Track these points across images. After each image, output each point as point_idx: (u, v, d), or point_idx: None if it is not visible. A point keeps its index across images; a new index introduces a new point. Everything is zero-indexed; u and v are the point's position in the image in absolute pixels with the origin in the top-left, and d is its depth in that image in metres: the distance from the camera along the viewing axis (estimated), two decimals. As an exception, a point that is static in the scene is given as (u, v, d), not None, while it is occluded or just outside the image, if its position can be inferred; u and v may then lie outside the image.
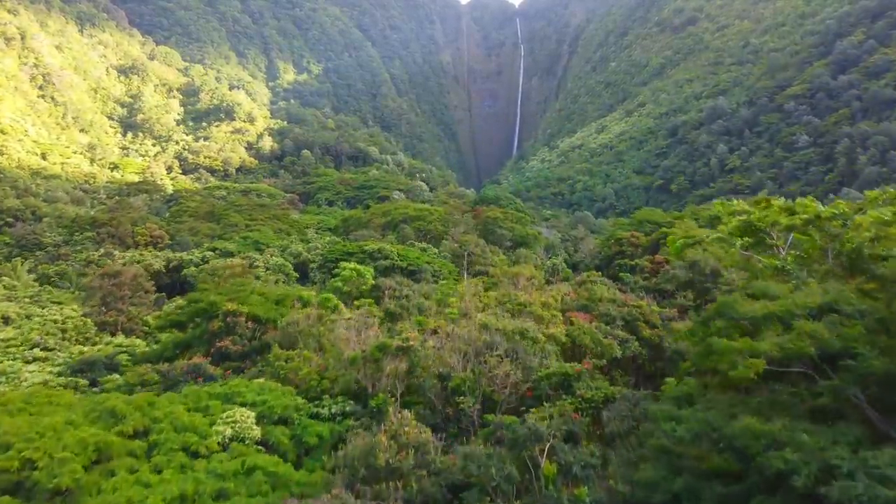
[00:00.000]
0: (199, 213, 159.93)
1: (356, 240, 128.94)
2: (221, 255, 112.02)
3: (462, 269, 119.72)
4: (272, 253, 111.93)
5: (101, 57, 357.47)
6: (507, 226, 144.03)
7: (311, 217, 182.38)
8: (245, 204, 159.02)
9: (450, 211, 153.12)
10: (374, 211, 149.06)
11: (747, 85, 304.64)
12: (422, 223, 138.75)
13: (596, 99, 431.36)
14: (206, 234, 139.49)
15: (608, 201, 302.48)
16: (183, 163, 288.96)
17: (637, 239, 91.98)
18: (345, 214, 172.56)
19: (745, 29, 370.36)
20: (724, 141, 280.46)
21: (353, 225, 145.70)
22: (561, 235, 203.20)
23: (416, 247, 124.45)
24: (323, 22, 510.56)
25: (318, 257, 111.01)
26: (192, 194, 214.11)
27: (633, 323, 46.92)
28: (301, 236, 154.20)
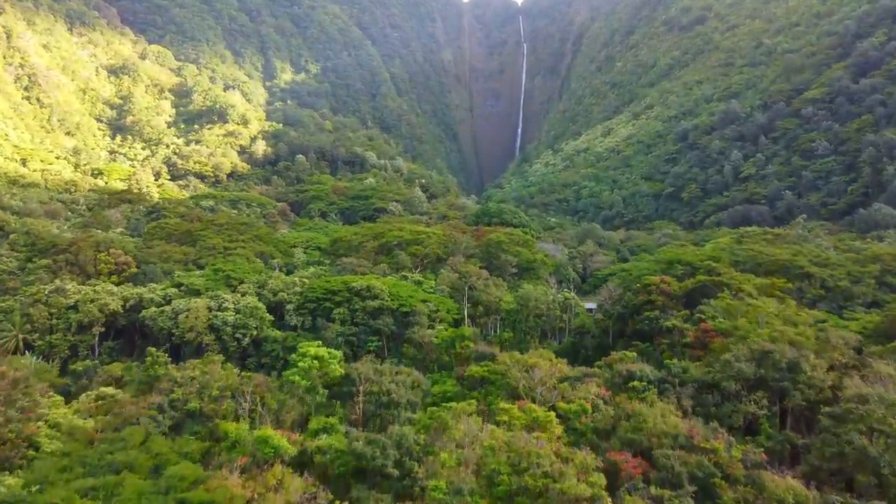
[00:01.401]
0: (175, 233, 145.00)
1: (344, 270, 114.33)
2: (187, 293, 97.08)
3: (462, 304, 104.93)
4: (246, 289, 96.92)
5: (91, 56, 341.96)
6: (511, 250, 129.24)
7: (299, 234, 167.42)
8: (225, 223, 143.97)
9: (449, 232, 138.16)
10: (366, 232, 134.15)
11: (761, 88, 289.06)
12: (418, 248, 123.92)
13: (601, 100, 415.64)
14: (178, 259, 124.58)
15: (615, 209, 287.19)
16: (172, 168, 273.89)
17: (668, 285, 76.91)
18: (336, 232, 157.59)
19: (756, 28, 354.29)
20: (737, 147, 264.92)
21: (344, 248, 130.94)
22: (568, 252, 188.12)
23: (411, 278, 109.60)
24: (322, 20, 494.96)
25: (297, 297, 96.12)
26: (177, 205, 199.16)
27: (706, 480, 32.13)
28: (286, 259, 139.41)
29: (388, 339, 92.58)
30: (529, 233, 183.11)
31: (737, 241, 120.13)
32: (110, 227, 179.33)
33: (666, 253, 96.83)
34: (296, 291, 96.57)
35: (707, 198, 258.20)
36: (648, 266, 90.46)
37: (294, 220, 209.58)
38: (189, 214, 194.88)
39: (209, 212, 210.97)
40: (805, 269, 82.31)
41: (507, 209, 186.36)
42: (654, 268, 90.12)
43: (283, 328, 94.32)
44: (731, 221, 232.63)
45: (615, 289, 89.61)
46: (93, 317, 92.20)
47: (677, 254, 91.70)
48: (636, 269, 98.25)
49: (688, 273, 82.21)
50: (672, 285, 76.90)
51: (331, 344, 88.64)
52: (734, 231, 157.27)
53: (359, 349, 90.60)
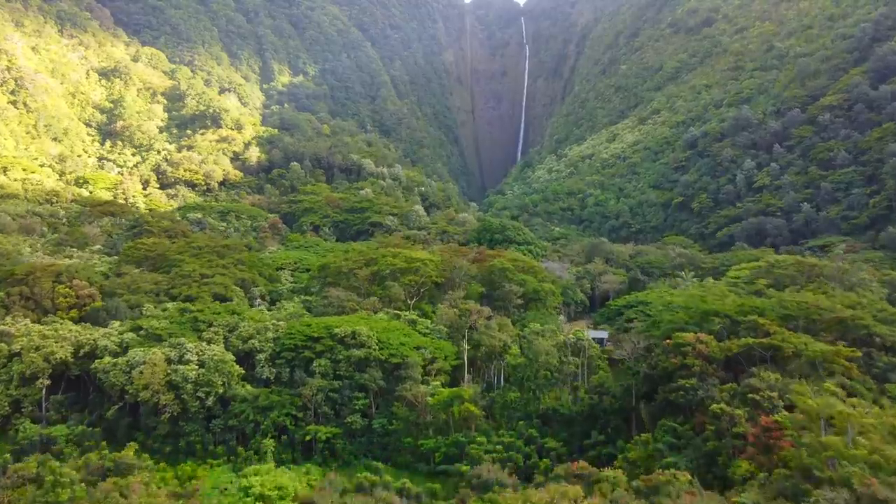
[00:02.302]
0: (151, 254, 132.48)
1: (330, 305, 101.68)
2: (147, 339, 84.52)
3: (462, 348, 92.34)
4: (213, 335, 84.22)
5: (82, 59, 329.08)
6: (516, 278, 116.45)
7: (288, 253, 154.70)
8: (205, 246, 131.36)
9: (448, 256, 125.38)
10: (357, 257, 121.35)
11: (774, 93, 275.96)
12: (413, 277, 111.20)
13: (606, 104, 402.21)
14: (149, 290, 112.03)
15: (622, 218, 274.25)
16: (161, 176, 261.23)
17: (706, 346, 64.13)
18: (327, 253, 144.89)
19: (766, 31, 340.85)
20: (750, 155, 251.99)
21: (333, 274, 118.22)
22: (576, 271, 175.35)
23: (404, 316, 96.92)
24: (321, 21, 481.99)
25: (272, 344, 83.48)
26: (160, 218, 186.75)
27: None
28: (270, 286, 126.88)
29: (377, 395, 79.95)
30: (534, 250, 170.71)
31: (766, 272, 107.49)
32: (87, 244, 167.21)
33: (696, 303, 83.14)
34: (270, 338, 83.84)
35: (718, 208, 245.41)
36: (677, 318, 77.16)
37: (285, 234, 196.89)
38: (173, 229, 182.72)
39: (195, 225, 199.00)
40: (870, 328, 69.53)
41: (510, 225, 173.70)
42: (685, 318, 77.32)
43: (255, 381, 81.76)
44: (746, 235, 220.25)
45: (638, 339, 76.95)
46: (37, 368, 79.77)
47: (713, 304, 78.33)
48: (663, 318, 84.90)
49: (727, 328, 69.39)
50: (710, 345, 64.24)
51: (309, 402, 76.22)
52: (756, 253, 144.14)
53: (342, 408, 78.08)
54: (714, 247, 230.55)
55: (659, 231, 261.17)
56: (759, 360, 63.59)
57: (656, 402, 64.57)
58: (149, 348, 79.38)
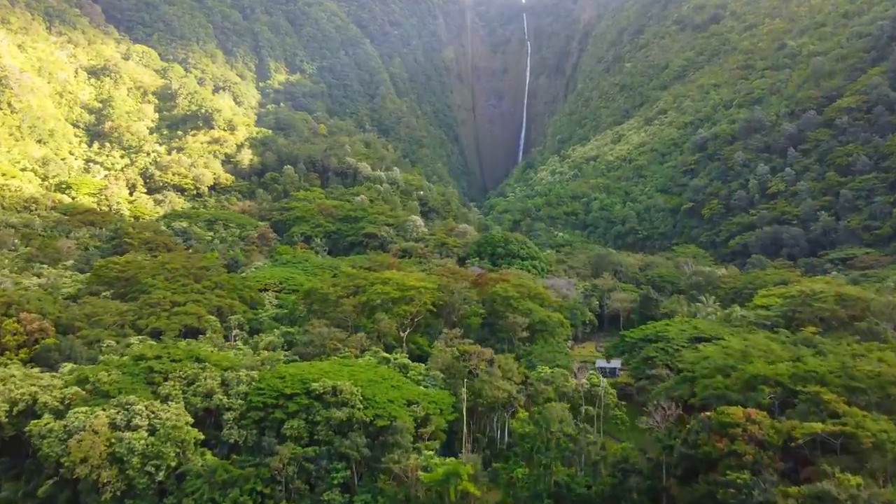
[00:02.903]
0: (123, 275, 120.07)
1: (311, 345, 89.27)
2: (93, 395, 72.08)
3: (461, 398, 79.90)
4: (170, 390, 71.74)
5: (70, 57, 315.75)
6: (521, 307, 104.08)
7: (273, 271, 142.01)
8: (181, 267, 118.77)
9: (446, 280, 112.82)
10: (346, 283, 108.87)
11: (787, 94, 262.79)
12: (406, 308, 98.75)
13: (610, 103, 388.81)
14: (112, 321, 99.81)
15: (629, 224, 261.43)
16: (148, 180, 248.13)
17: (760, 428, 51.62)
18: (313, 277, 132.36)
19: (777, 29, 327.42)
20: (763, 159, 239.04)
21: (319, 302, 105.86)
22: (583, 288, 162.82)
23: (394, 361, 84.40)
24: (318, 18, 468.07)
25: (239, 401, 71.07)
26: (142, 229, 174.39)
27: None
28: (249, 314, 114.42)
29: (360, 466, 67.53)
30: (539, 265, 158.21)
31: (801, 303, 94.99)
32: (60, 259, 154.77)
33: (738, 356, 70.06)
34: (239, 392, 71.36)
35: (730, 215, 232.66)
36: (717, 384, 63.91)
37: (274, 245, 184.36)
38: (154, 241, 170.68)
39: (180, 235, 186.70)
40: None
41: (513, 238, 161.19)
42: (727, 384, 64.29)
43: (218, 445, 69.32)
44: (760, 245, 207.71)
45: (669, 405, 64.49)
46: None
47: (759, 364, 65.20)
48: (697, 375, 71.81)
49: (780, 398, 56.90)
50: (764, 426, 51.81)
51: (280, 475, 63.87)
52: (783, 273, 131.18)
53: (318, 481, 65.63)
54: (726, 256, 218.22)
55: (667, 238, 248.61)
56: (826, 448, 51.43)
57: (695, 491, 52.33)
58: (93, 409, 66.99)
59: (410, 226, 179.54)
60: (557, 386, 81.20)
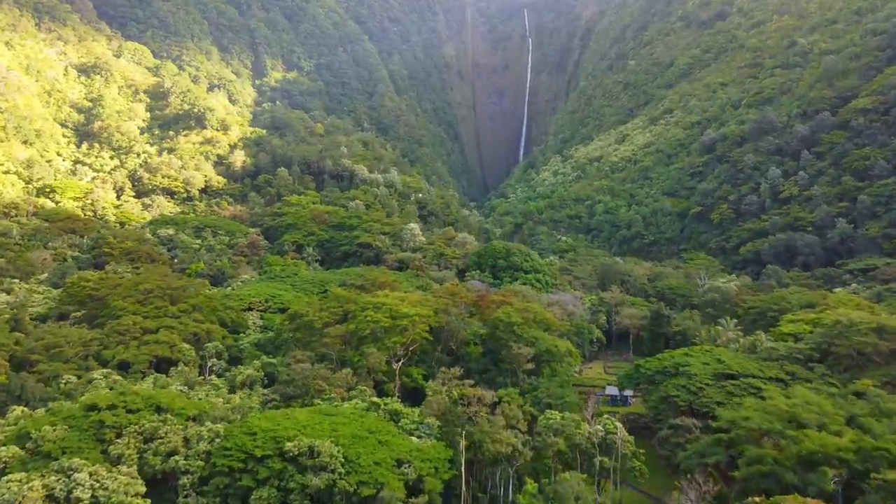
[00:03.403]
0: (96, 294, 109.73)
1: (292, 384, 79.09)
2: (34, 456, 61.92)
3: (459, 452, 69.89)
4: (124, 449, 61.49)
5: (60, 55, 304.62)
6: (526, 334, 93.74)
7: (259, 287, 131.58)
8: (155, 288, 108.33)
9: (443, 303, 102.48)
10: (333, 307, 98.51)
11: (798, 93, 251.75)
12: (398, 339, 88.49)
13: (614, 101, 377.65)
14: (74, 353, 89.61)
15: (634, 228, 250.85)
16: (137, 183, 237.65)
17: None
18: (299, 298, 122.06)
19: (785, 26, 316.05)
20: (775, 162, 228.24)
21: (303, 330, 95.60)
22: (590, 302, 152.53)
23: (384, 407, 74.11)
24: (316, 14, 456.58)
25: (200, 463, 60.87)
26: (123, 239, 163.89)
27: None
28: (228, 340, 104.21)
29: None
30: (543, 278, 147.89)
31: (838, 336, 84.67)
32: (33, 273, 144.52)
33: (783, 416, 59.31)
34: (201, 451, 61.13)
35: (741, 220, 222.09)
36: (764, 455, 53.83)
37: (264, 255, 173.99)
38: (136, 251, 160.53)
39: (166, 244, 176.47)
40: None
41: (515, 249, 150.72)
42: (777, 458, 54.12)
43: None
44: (774, 253, 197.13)
45: (706, 481, 54.27)
46: None
47: (815, 436, 54.72)
48: (742, 447, 60.94)
49: (844, 481, 46.94)
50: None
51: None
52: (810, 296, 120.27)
53: (291, 564, 55.51)
54: (738, 264, 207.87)
55: (675, 243, 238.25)
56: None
57: None
58: (30, 475, 56.97)
59: (407, 234, 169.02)
60: (568, 435, 70.98)
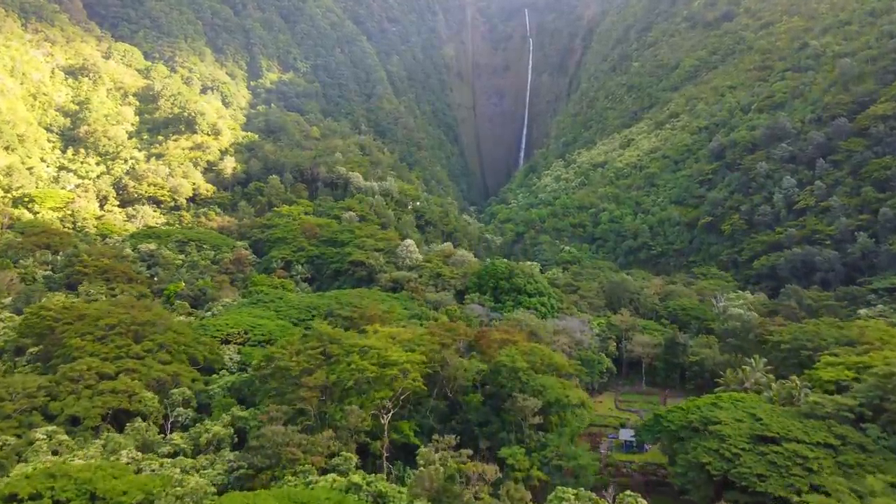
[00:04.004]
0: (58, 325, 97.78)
1: (263, 449, 67.27)
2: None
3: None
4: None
5: (47, 56, 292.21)
6: (533, 382, 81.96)
7: (241, 314, 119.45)
8: (118, 323, 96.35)
9: (439, 339, 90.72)
10: (313, 348, 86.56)
11: (812, 98, 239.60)
12: (387, 393, 76.65)
13: (617, 104, 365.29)
14: (15, 409, 77.74)
15: (641, 238, 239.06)
16: (121, 192, 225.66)
17: None
18: (283, 327, 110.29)
19: (795, 27, 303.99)
20: (789, 170, 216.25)
21: (278, 378, 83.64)
22: (598, 326, 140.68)
23: (366, 488, 62.24)
24: (313, 14, 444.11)
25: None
26: (98, 256, 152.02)
27: None
28: (199, 383, 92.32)
29: None
30: (548, 302, 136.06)
31: (892, 389, 72.92)
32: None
33: None
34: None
35: (753, 232, 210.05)
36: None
37: (250, 272, 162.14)
38: (112, 269, 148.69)
39: (146, 260, 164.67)
40: None
41: (518, 270, 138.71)
42: None
43: None
44: (790, 268, 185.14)
45: None
46: None
47: None
48: None
49: None
50: None
51: None
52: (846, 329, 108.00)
53: None
54: (752, 278, 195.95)
55: (684, 255, 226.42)
56: None
57: None
58: None
59: (403, 251, 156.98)
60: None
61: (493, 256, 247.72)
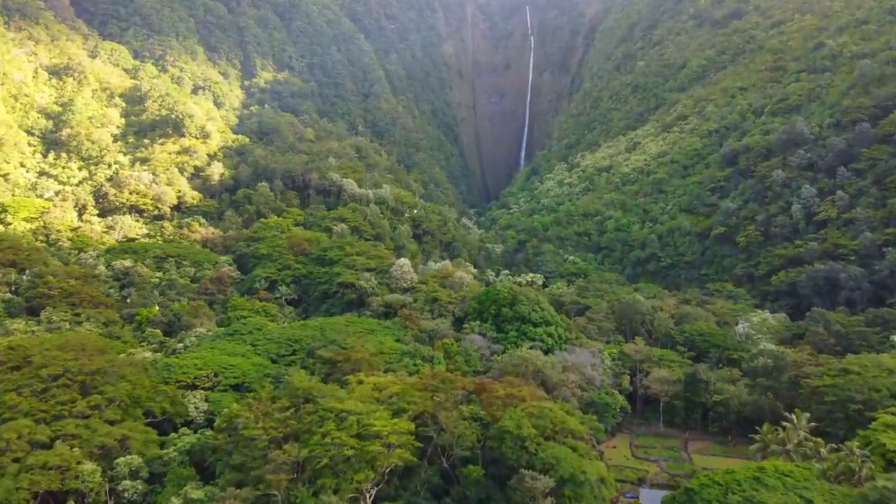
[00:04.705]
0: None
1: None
2: None
3: None
4: None
5: (30, 56, 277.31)
6: (543, 454, 68.31)
7: (209, 354, 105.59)
8: (63, 373, 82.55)
9: (431, 402, 76.97)
10: (285, 406, 72.80)
11: (829, 101, 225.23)
12: (367, 475, 62.86)
13: (622, 105, 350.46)
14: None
15: (649, 249, 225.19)
16: (102, 200, 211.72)
17: None
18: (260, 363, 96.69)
19: (808, 26, 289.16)
20: (807, 178, 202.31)
21: (241, 451, 69.85)
22: (610, 357, 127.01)
23: None
24: (309, 11, 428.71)
25: None
26: (65, 277, 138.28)
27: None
28: (152, 446, 78.55)
29: None
30: (556, 332, 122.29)
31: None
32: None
33: None
34: None
35: (770, 244, 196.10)
36: None
37: (230, 294, 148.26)
38: (78, 293, 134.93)
39: (120, 279, 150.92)
40: None
41: (522, 296, 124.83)
42: None
43: None
44: (812, 286, 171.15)
45: None
46: None
47: None
48: None
49: None
50: None
51: None
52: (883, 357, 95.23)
53: None
54: (770, 295, 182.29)
55: (695, 268, 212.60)
56: None
57: None
58: None
59: (397, 272, 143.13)
60: None
61: (493, 267, 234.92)
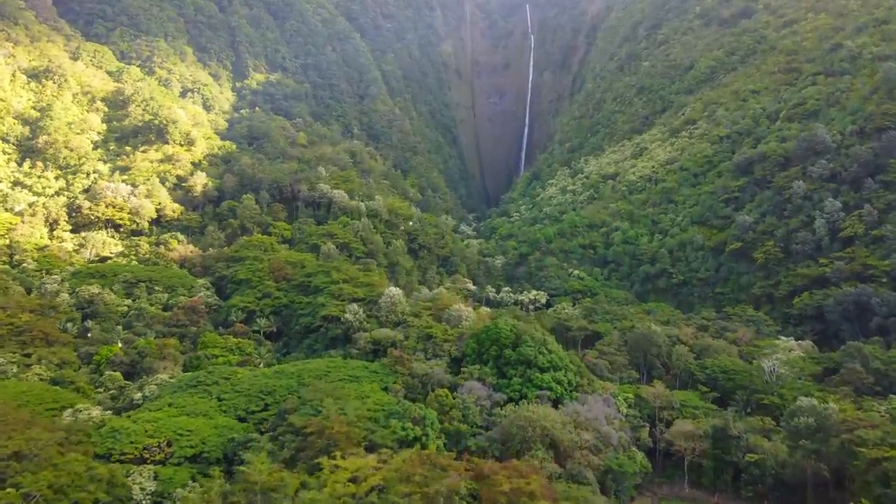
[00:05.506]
0: None
1: None
2: None
3: None
4: None
5: (8, 58, 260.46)
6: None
7: (163, 415, 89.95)
8: None
9: (420, 480, 61.50)
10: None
11: (851, 106, 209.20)
12: None
13: (626, 107, 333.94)
14: None
15: (659, 264, 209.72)
16: (75, 214, 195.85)
17: None
18: (223, 427, 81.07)
19: (823, 25, 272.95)
20: (831, 190, 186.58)
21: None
22: (626, 404, 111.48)
23: None
24: (303, 10, 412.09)
25: None
26: (19, 309, 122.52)
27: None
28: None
29: None
30: (565, 378, 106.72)
31: None
32: None
33: None
34: None
35: (791, 262, 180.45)
36: None
37: (203, 327, 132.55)
38: (32, 328, 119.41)
39: (84, 307, 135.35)
40: None
41: (526, 336, 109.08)
42: None
43: None
44: (841, 310, 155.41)
45: None
46: None
47: None
48: None
49: None
50: None
51: None
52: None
53: None
54: (792, 318, 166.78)
55: (709, 285, 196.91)
56: None
57: None
58: None
59: (386, 302, 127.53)
60: None
61: (494, 282, 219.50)
